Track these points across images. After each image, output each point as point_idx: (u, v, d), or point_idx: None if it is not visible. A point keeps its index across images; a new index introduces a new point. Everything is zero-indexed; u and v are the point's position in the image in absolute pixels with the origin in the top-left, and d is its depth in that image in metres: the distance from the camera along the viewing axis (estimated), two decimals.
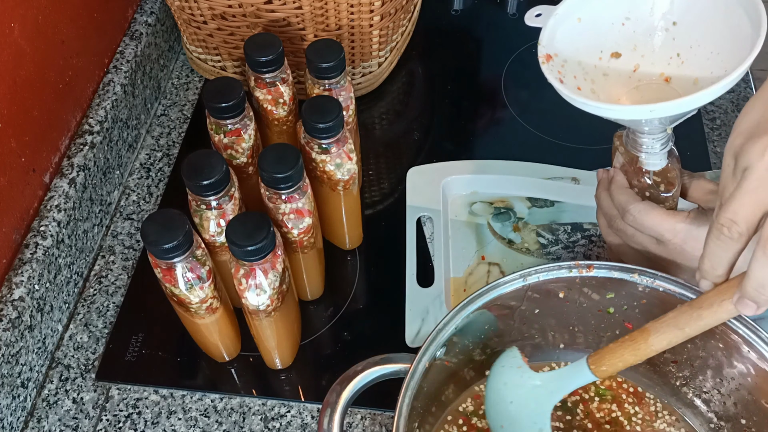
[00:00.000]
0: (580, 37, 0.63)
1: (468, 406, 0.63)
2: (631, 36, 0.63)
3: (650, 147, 0.61)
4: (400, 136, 0.89)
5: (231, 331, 0.67)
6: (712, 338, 0.57)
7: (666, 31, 0.63)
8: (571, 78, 0.62)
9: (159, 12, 0.91)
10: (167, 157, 0.86)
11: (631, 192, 0.62)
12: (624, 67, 0.64)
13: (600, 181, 0.65)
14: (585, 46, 0.63)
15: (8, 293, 0.65)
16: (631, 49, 0.64)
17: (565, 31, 0.63)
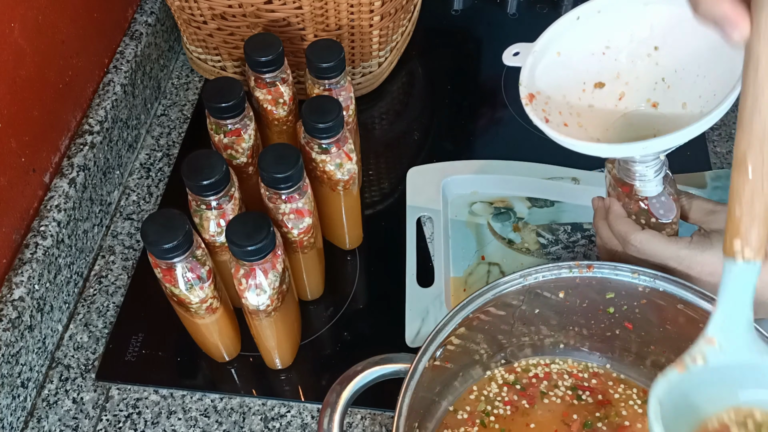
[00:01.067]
0: (562, 72, 0.62)
1: (468, 406, 0.63)
2: (612, 65, 0.63)
3: (644, 175, 0.60)
4: (400, 136, 0.89)
5: (231, 331, 0.67)
6: None
7: (648, 57, 0.62)
8: (556, 115, 0.61)
9: (159, 12, 0.91)
10: (167, 157, 0.86)
11: (630, 221, 0.61)
12: (609, 96, 0.63)
13: (596, 210, 0.65)
14: (567, 80, 0.62)
15: (8, 293, 0.65)
16: (614, 78, 0.63)
17: (545, 68, 0.62)
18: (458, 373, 0.63)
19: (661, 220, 0.61)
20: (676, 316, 0.59)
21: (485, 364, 0.64)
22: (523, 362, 0.66)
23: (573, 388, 0.65)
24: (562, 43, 0.62)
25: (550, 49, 0.62)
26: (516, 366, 0.66)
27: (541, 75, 0.61)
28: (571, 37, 0.62)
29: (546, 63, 0.62)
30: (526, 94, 0.61)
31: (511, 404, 0.63)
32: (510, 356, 0.65)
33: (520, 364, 0.66)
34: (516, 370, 0.65)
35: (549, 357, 0.66)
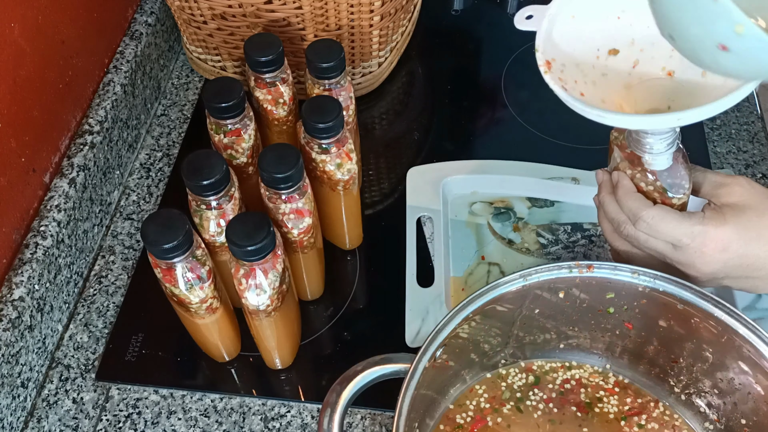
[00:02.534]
0: (576, 37, 0.59)
1: (468, 407, 0.63)
2: (627, 30, 0.60)
3: (655, 147, 0.57)
4: (400, 136, 0.89)
5: (231, 331, 0.67)
6: (713, 338, 0.57)
7: None
8: (572, 83, 0.58)
9: (159, 12, 0.91)
10: (167, 157, 0.86)
11: (641, 197, 0.58)
12: (623, 64, 0.60)
13: (602, 184, 0.62)
14: (581, 46, 0.60)
15: (8, 293, 0.65)
16: (628, 44, 0.60)
17: (559, 33, 0.59)
18: (458, 373, 0.63)
19: (673, 194, 0.58)
20: (676, 316, 0.59)
21: (485, 364, 0.64)
22: (523, 363, 0.66)
23: (573, 388, 0.65)
24: (576, 5, 0.59)
25: (565, 12, 0.59)
26: (516, 366, 0.66)
27: (555, 41, 0.58)
28: None
29: (560, 28, 0.58)
30: (543, 61, 0.57)
31: (511, 405, 0.63)
32: (510, 356, 0.65)
33: (520, 364, 0.66)
34: (516, 370, 0.65)
35: (549, 357, 0.66)
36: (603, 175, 0.62)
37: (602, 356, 0.66)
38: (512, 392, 0.64)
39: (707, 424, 0.62)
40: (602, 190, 0.62)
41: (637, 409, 0.63)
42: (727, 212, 0.56)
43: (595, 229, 0.78)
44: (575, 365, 0.66)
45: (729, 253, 0.56)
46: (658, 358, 0.63)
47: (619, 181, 0.60)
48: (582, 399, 0.64)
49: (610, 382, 0.65)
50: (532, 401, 0.63)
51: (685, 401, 0.63)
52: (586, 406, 0.63)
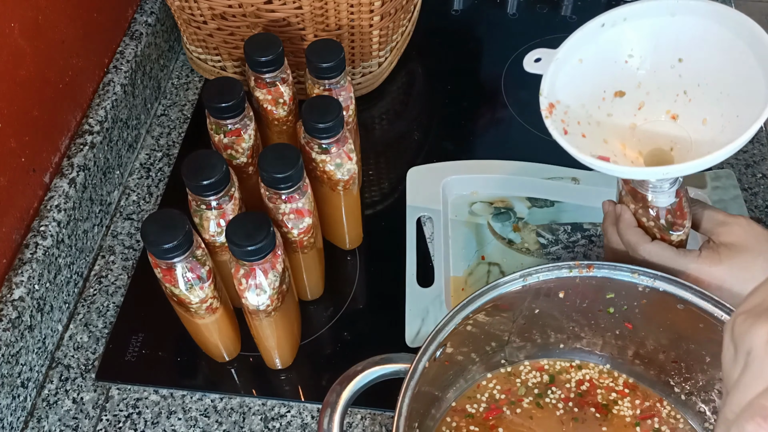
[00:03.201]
0: (582, 80, 0.61)
1: (468, 406, 0.63)
2: (634, 73, 0.61)
3: (658, 186, 0.59)
4: (400, 136, 0.89)
5: (231, 331, 0.67)
6: (713, 338, 0.57)
7: (671, 68, 0.61)
8: (575, 125, 0.60)
9: (159, 12, 0.91)
10: (167, 157, 0.86)
11: (640, 232, 0.60)
12: (628, 105, 0.62)
13: (606, 214, 0.64)
14: (587, 88, 0.61)
15: (8, 293, 0.65)
16: (635, 87, 0.62)
17: (566, 75, 0.60)
18: (458, 373, 0.63)
19: (672, 231, 0.60)
20: (676, 316, 0.59)
21: (485, 364, 0.64)
22: (523, 363, 0.66)
23: (573, 389, 0.65)
24: (584, 50, 0.61)
25: (573, 57, 0.61)
26: (516, 367, 0.66)
27: (561, 83, 0.60)
28: (594, 44, 0.61)
29: (567, 71, 0.60)
30: (546, 105, 0.59)
31: (512, 406, 0.63)
32: (510, 356, 0.65)
33: (520, 364, 0.66)
34: (516, 371, 0.65)
35: (549, 357, 0.66)
36: (608, 206, 0.65)
37: (602, 356, 0.66)
38: (528, 389, 0.64)
39: (707, 425, 0.62)
40: (606, 220, 0.64)
41: (648, 412, 0.63)
42: (723, 252, 0.58)
43: (595, 229, 0.78)
44: (575, 365, 0.66)
45: (723, 292, 0.57)
46: (658, 358, 0.63)
47: (621, 214, 0.62)
48: (599, 400, 0.64)
49: (620, 383, 0.65)
50: (551, 399, 0.63)
51: (686, 401, 0.63)
52: (604, 408, 0.63)
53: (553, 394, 0.64)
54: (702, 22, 0.58)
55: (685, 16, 0.59)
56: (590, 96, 0.62)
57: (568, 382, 0.65)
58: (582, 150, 0.57)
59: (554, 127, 0.58)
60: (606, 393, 0.64)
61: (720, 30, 0.58)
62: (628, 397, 0.64)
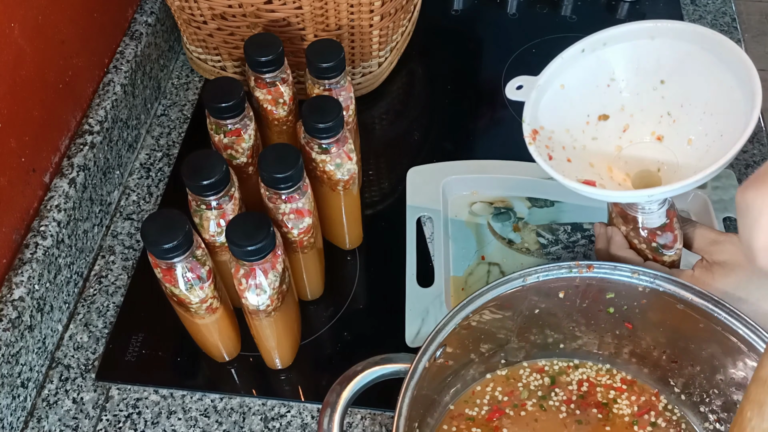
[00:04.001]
0: (565, 105, 0.61)
1: (468, 406, 0.63)
2: (617, 97, 0.62)
3: (647, 208, 0.59)
4: (400, 136, 0.89)
5: (231, 331, 0.67)
6: (713, 338, 0.57)
7: (654, 90, 0.61)
8: (559, 150, 0.60)
9: (159, 12, 0.91)
10: (167, 157, 0.86)
11: (632, 253, 0.61)
12: (613, 129, 0.63)
13: (598, 237, 0.65)
14: (571, 114, 0.62)
15: (8, 293, 0.65)
16: (618, 110, 0.62)
17: (548, 101, 0.61)
18: (458, 374, 0.63)
19: (664, 251, 0.61)
20: (676, 316, 0.59)
21: (485, 364, 0.64)
22: (523, 363, 0.66)
23: (575, 390, 0.65)
24: (566, 75, 0.61)
25: (554, 83, 0.61)
26: (516, 367, 0.66)
27: (544, 109, 0.60)
28: (575, 69, 0.61)
29: (549, 96, 0.61)
30: (529, 131, 0.60)
31: (534, 402, 0.63)
32: (510, 356, 0.65)
33: (520, 364, 0.66)
34: (516, 371, 0.65)
35: (549, 357, 0.66)
36: (599, 228, 0.65)
37: (602, 356, 0.66)
38: (530, 392, 0.64)
39: (707, 425, 0.62)
40: (598, 242, 0.65)
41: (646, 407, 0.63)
42: (716, 271, 0.58)
43: None
44: (575, 365, 0.66)
45: None
46: (658, 358, 0.63)
47: (612, 236, 0.63)
48: (599, 399, 0.64)
49: (618, 382, 0.65)
50: (554, 401, 0.63)
51: (685, 401, 0.63)
52: (604, 407, 0.63)
53: (557, 396, 0.64)
54: (681, 44, 0.59)
55: (665, 39, 0.60)
56: (574, 121, 0.62)
57: (570, 384, 0.65)
58: (567, 176, 0.57)
59: (538, 153, 0.59)
60: (605, 392, 0.64)
61: (699, 51, 0.58)
62: (626, 393, 0.64)
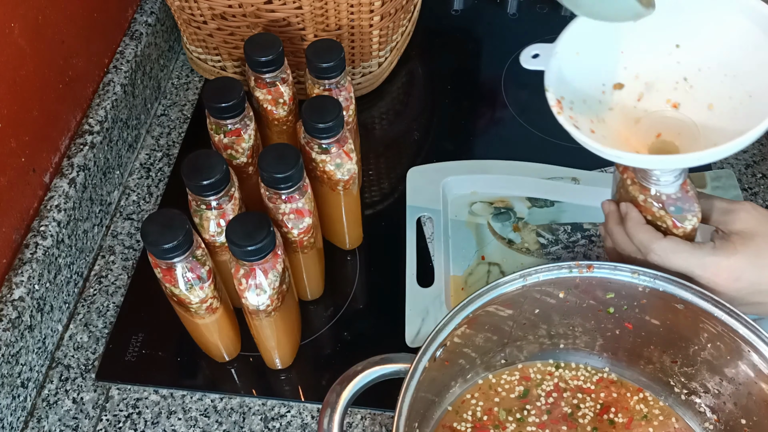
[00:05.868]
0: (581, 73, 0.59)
1: (468, 407, 0.63)
2: (631, 64, 0.60)
3: (662, 179, 0.57)
4: (400, 136, 0.89)
5: (231, 331, 0.67)
6: (713, 338, 0.58)
7: (669, 55, 0.59)
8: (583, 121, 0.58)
9: (159, 12, 0.91)
10: (167, 157, 0.86)
11: (652, 229, 0.58)
12: (628, 98, 0.60)
13: (609, 215, 0.62)
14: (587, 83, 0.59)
15: (8, 293, 0.65)
16: (632, 78, 0.60)
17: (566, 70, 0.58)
18: (458, 374, 0.63)
19: (682, 222, 0.58)
20: (676, 316, 0.59)
21: (485, 364, 0.64)
22: (523, 363, 0.66)
23: (573, 390, 0.65)
24: (580, 42, 0.59)
25: (570, 50, 0.58)
26: (515, 368, 0.66)
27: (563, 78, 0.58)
28: (590, 35, 0.59)
29: (566, 65, 0.58)
30: (554, 101, 0.56)
31: (511, 406, 0.63)
32: (510, 356, 0.65)
33: (520, 365, 0.66)
34: (515, 372, 0.65)
35: (549, 358, 0.66)
36: (610, 205, 0.62)
37: (602, 356, 0.66)
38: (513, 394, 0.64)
39: (707, 424, 0.62)
40: (610, 220, 0.62)
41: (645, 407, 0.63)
42: (736, 240, 0.56)
43: (595, 229, 0.78)
44: (575, 366, 0.66)
45: (742, 282, 0.56)
46: (658, 358, 0.63)
47: (627, 213, 0.60)
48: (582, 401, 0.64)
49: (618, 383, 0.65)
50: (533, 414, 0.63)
51: (685, 401, 0.63)
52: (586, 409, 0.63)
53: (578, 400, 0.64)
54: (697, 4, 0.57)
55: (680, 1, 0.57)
56: (590, 90, 0.60)
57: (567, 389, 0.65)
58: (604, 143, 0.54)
59: (568, 122, 0.55)
60: (605, 393, 0.64)
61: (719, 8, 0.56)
62: (625, 393, 0.64)
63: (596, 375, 0.65)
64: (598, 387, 0.65)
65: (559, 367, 0.66)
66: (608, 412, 0.63)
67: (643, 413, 0.63)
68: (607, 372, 0.66)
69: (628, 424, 0.63)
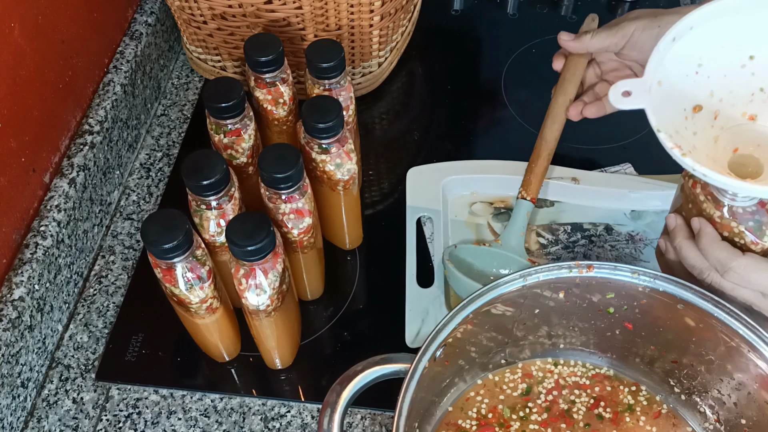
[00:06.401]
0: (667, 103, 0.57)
1: (468, 407, 0.63)
2: (705, 82, 0.58)
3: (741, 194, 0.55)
4: (400, 136, 0.89)
5: (231, 331, 0.67)
6: (713, 338, 0.57)
7: (742, 68, 0.58)
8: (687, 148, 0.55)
9: (159, 12, 0.91)
10: (167, 157, 0.86)
11: (730, 246, 0.56)
12: (705, 118, 0.58)
13: (677, 229, 0.60)
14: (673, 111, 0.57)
15: (8, 293, 0.65)
16: (708, 97, 0.58)
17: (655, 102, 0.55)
18: (458, 374, 0.63)
19: (761, 240, 0.56)
20: (676, 316, 0.59)
21: (485, 364, 0.64)
22: (523, 363, 0.66)
23: (573, 390, 0.65)
24: (661, 70, 0.57)
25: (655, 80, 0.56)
26: (516, 367, 0.66)
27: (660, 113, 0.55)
28: (668, 61, 0.57)
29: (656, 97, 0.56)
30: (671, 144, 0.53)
31: (515, 404, 0.63)
32: (510, 356, 0.65)
33: (520, 365, 0.66)
34: (516, 371, 0.65)
35: (549, 358, 0.66)
36: (677, 219, 0.60)
37: (602, 356, 0.66)
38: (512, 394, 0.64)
39: (707, 425, 0.62)
40: (678, 235, 0.59)
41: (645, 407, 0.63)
42: None
43: (595, 229, 0.78)
44: (575, 366, 0.66)
45: None
46: (658, 358, 0.63)
47: (702, 229, 0.57)
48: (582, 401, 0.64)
49: (618, 383, 0.65)
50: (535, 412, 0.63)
51: (685, 401, 0.63)
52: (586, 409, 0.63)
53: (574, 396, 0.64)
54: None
55: (752, 9, 0.56)
56: (676, 119, 0.57)
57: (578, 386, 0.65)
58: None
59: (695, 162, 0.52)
60: (605, 393, 0.64)
61: None
62: (626, 394, 0.64)
63: (593, 371, 0.65)
64: (593, 382, 0.65)
65: (558, 364, 0.66)
66: (598, 407, 0.63)
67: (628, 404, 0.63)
68: (605, 369, 0.66)
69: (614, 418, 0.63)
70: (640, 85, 0.56)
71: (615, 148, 0.84)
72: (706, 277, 0.57)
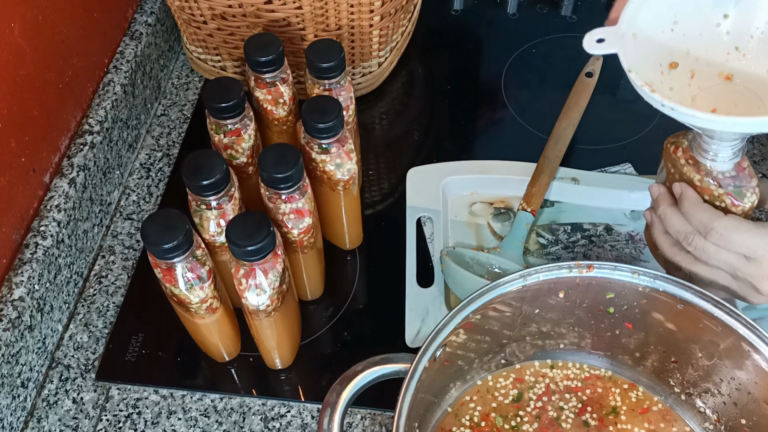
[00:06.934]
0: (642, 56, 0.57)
1: (468, 407, 0.63)
2: (681, 40, 0.58)
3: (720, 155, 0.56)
4: (400, 136, 0.89)
5: (231, 331, 0.67)
6: (713, 338, 0.57)
7: (717, 26, 0.58)
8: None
9: (159, 12, 0.91)
10: (167, 157, 0.86)
11: (711, 207, 0.56)
12: (682, 76, 0.58)
13: (659, 198, 0.60)
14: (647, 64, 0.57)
15: (8, 293, 0.65)
16: (684, 55, 0.58)
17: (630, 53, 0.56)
18: (458, 374, 0.63)
19: (741, 202, 0.56)
20: (676, 316, 0.59)
21: (485, 364, 0.64)
22: (523, 363, 0.66)
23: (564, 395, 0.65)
24: (636, 24, 0.57)
25: (629, 32, 0.56)
26: (516, 367, 0.66)
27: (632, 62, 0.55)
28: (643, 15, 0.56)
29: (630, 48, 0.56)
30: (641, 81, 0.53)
31: (507, 412, 0.63)
32: (510, 356, 0.65)
33: (520, 365, 0.66)
34: (516, 371, 0.65)
35: (549, 358, 0.66)
36: (659, 188, 0.60)
37: (602, 356, 0.66)
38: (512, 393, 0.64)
39: (707, 425, 0.62)
40: (661, 203, 0.59)
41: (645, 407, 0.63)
42: None
43: (595, 229, 0.78)
44: (575, 366, 0.66)
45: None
46: (657, 358, 0.63)
47: (683, 193, 0.57)
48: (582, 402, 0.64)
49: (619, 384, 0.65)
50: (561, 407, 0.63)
51: (685, 401, 0.63)
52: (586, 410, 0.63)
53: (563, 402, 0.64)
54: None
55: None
56: (651, 72, 0.57)
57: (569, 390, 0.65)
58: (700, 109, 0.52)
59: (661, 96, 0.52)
60: (606, 394, 0.64)
61: None
62: (626, 394, 0.64)
63: (588, 372, 0.65)
64: (584, 384, 0.65)
65: (555, 367, 0.66)
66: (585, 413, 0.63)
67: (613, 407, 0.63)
68: (603, 370, 0.66)
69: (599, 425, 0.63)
70: (614, 33, 0.56)
71: (615, 148, 0.84)
72: (690, 242, 0.57)
